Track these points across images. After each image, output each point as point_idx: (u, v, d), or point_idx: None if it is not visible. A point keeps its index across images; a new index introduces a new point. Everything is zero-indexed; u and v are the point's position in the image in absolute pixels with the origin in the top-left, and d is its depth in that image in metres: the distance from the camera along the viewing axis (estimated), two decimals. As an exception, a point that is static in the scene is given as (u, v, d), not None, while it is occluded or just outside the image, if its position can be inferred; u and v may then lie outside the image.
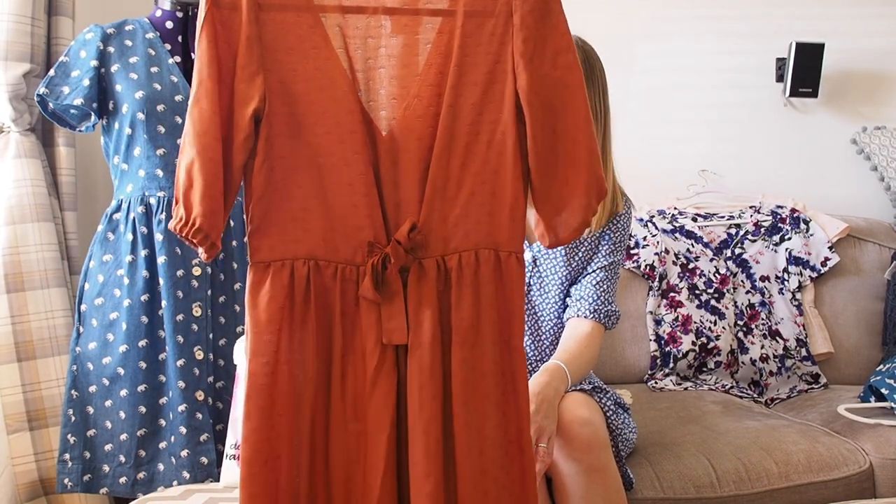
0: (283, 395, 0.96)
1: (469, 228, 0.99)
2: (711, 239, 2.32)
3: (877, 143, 2.49)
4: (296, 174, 0.98)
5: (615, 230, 1.54)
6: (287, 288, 0.97)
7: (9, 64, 1.70)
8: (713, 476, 1.55)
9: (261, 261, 0.97)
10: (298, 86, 0.97)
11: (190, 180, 0.93)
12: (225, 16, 0.95)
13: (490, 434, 0.98)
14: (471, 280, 0.99)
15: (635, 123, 2.49)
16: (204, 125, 0.93)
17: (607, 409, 1.41)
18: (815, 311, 2.27)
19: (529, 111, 0.98)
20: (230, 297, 1.68)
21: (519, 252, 1.01)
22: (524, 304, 1.03)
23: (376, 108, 1.00)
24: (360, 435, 0.97)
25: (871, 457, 1.66)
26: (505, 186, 1.00)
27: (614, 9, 2.52)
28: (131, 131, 1.60)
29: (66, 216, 1.87)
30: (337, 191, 0.98)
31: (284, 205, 0.98)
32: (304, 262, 0.98)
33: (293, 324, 0.97)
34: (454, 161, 0.99)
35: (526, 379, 1.01)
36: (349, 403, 0.98)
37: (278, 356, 0.96)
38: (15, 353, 1.72)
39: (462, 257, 0.99)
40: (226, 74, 0.95)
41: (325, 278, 0.98)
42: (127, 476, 1.59)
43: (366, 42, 0.99)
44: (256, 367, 0.96)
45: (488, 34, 0.98)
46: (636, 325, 2.23)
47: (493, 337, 0.99)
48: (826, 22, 2.52)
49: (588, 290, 1.51)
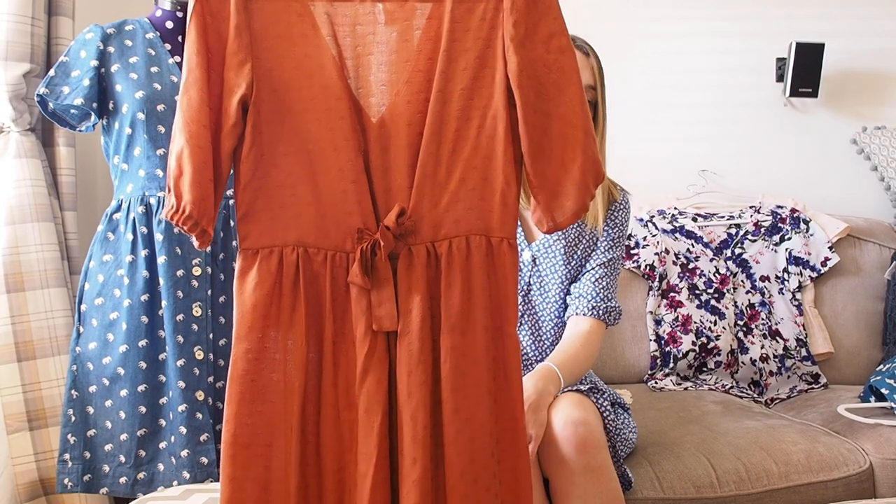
0: (272, 382, 0.96)
1: (459, 214, 0.99)
2: (711, 239, 2.32)
3: (877, 143, 2.49)
4: (285, 161, 0.98)
5: (613, 225, 1.54)
6: (275, 275, 0.97)
7: (9, 64, 1.70)
8: (713, 476, 1.55)
9: (249, 247, 0.97)
10: (287, 73, 0.97)
11: (180, 168, 0.94)
12: (214, 5, 0.96)
13: (481, 421, 0.97)
14: (461, 266, 0.98)
15: (635, 123, 2.49)
16: (192, 113, 0.93)
17: (604, 409, 1.40)
18: (815, 311, 2.27)
19: (520, 94, 0.97)
20: (230, 296, 1.68)
21: (511, 237, 1.00)
22: (517, 289, 1.02)
23: (366, 94, 1.00)
24: (352, 423, 0.97)
25: (871, 457, 1.65)
26: (496, 172, 0.99)
27: (614, 9, 2.52)
28: (131, 131, 1.60)
29: (66, 216, 1.87)
30: (327, 177, 0.98)
31: (273, 191, 0.98)
32: (293, 249, 0.98)
33: (281, 311, 0.97)
34: (444, 146, 0.99)
35: (519, 366, 1.01)
36: (341, 391, 0.98)
37: (264, 343, 0.96)
38: (15, 353, 1.72)
39: (453, 243, 0.99)
40: (216, 63, 0.96)
41: (315, 265, 0.98)
42: (127, 476, 1.59)
43: (354, 30, 1.00)
44: (238, 352, 0.96)
45: (478, 19, 0.98)
46: (636, 324, 2.24)
47: (484, 323, 0.98)
48: (826, 22, 2.52)
49: (587, 287, 1.51)
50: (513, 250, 1.00)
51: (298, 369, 0.97)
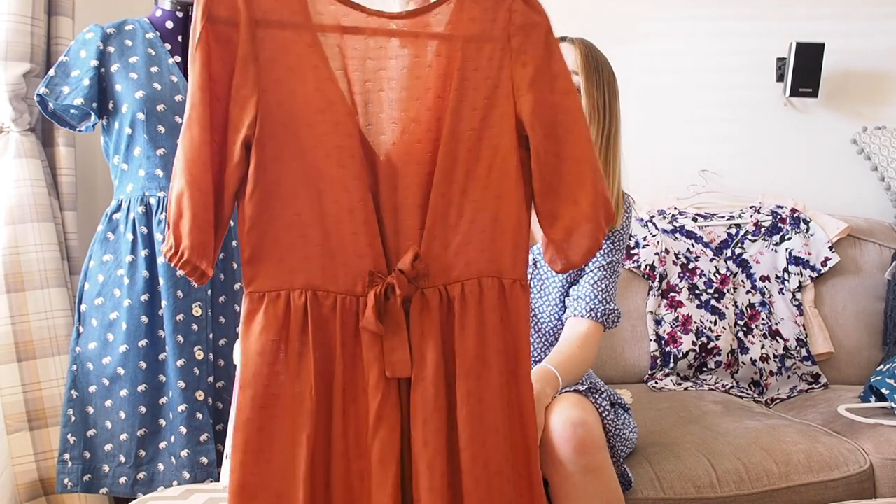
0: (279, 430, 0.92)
1: (471, 256, 0.97)
2: (711, 239, 2.32)
3: (877, 143, 2.49)
4: (294, 200, 0.93)
5: (614, 230, 1.54)
6: (282, 319, 0.93)
7: (9, 64, 1.70)
8: (713, 476, 1.55)
9: (255, 291, 0.93)
10: (297, 107, 0.93)
11: (180, 211, 0.90)
12: (220, 31, 0.90)
13: (498, 468, 0.95)
14: (475, 309, 0.96)
15: (635, 123, 2.48)
16: (193, 153, 0.90)
17: (603, 409, 1.40)
18: (815, 311, 2.27)
19: (533, 135, 0.97)
20: (230, 297, 1.68)
21: (523, 279, 0.99)
22: (530, 332, 1.01)
23: (375, 132, 0.96)
24: (363, 473, 0.93)
25: (871, 457, 1.65)
26: (508, 212, 0.98)
27: (615, 9, 2.52)
28: (131, 131, 1.60)
29: (66, 216, 1.87)
30: (337, 218, 0.94)
31: (281, 233, 0.94)
32: (301, 292, 0.93)
33: (289, 357, 0.93)
34: (455, 187, 0.96)
35: (534, 409, 0.99)
36: (351, 440, 0.93)
37: (268, 390, 0.92)
38: (15, 353, 1.72)
39: (465, 286, 0.96)
40: (221, 93, 0.91)
41: (325, 309, 0.94)
42: (127, 476, 1.59)
43: (364, 64, 0.95)
44: (244, 399, 0.92)
45: (486, 58, 0.96)
46: (636, 325, 2.23)
47: (499, 367, 0.96)
48: (826, 22, 2.52)
49: (586, 289, 1.51)
50: (525, 292, 0.99)
51: (307, 418, 0.92)
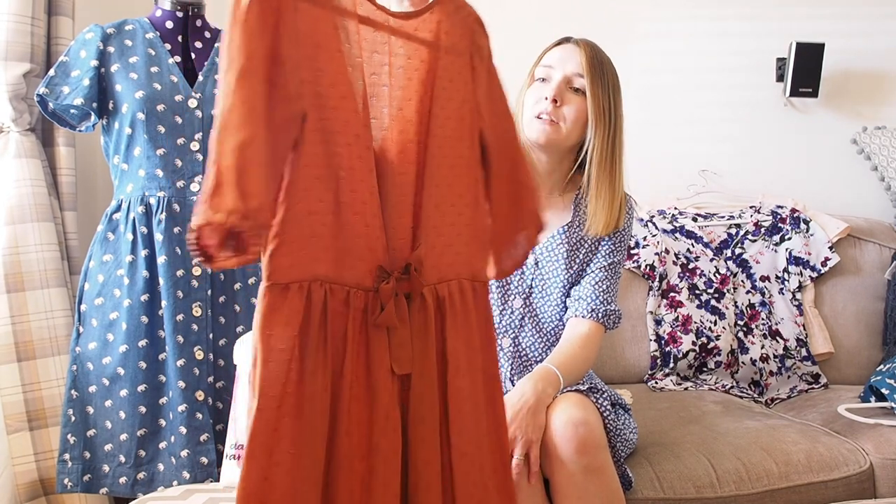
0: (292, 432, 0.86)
1: (452, 259, 1.00)
2: (711, 239, 2.32)
3: (877, 143, 2.49)
4: (317, 186, 0.88)
5: (616, 230, 1.54)
6: (302, 313, 0.87)
7: (9, 64, 1.70)
8: (713, 476, 1.55)
9: (277, 282, 0.86)
10: (324, 89, 0.87)
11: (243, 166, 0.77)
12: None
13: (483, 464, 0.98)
14: (462, 309, 0.99)
15: (635, 123, 2.48)
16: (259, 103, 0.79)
17: (604, 409, 1.40)
18: (815, 311, 2.27)
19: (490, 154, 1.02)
20: (230, 297, 1.68)
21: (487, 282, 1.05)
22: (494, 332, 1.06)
23: (377, 126, 0.95)
24: (365, 474, 0.90)
25: (871, 457, 1.65)
26: (478, 218, 1.03)
27: (615, 9, 2.52)
28: (131, 131, 1.60)
29: (66, 216, 1.87)
30: (352, 208, 0.90)
31: (304, 219, 0.88)
32: (321, 285, 0.88)
33: (305, 354, 0.87)
34: (439, 190, 0.98)
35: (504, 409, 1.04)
36: (354, 440, 0.89)
37: (286, 389, 0.86)
38: (15, 353, 1.71)
39: (450, 286, 0.99)
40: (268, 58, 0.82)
41: (338, 303, 0.90)
42: (127, 476, 1.59)
43: (372, 56, 0.94)
44: (265, 402, 0.85)
45: (457, 72, 0.99)
46: (636, 325, 2.23)
47: (481, 365, 1.00)
48: (826, 22, 2.52)
49: (587, 290, 1.51)
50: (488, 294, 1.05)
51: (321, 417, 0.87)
